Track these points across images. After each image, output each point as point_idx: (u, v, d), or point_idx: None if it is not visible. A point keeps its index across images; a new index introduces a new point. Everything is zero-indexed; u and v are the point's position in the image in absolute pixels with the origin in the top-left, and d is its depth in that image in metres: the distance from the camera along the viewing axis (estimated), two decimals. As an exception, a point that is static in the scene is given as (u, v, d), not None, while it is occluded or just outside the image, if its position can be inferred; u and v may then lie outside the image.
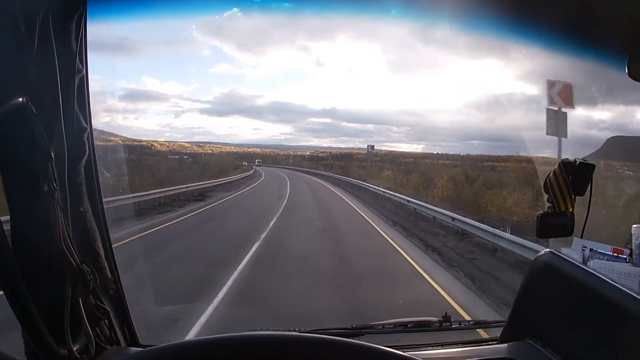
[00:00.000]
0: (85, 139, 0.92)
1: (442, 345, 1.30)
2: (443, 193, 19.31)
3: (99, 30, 0.95)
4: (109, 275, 1.01)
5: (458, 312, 4.46)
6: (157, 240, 8.07)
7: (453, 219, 10.35)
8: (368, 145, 36.79)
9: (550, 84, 8.32)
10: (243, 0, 1.15)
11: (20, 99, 0.79)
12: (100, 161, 1.02)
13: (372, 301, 4.76)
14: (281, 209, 13.53)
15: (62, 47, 0.85)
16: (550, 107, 8.03)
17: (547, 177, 1.16)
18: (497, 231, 8.10)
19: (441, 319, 1.51)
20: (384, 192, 18.66)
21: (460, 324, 1.52)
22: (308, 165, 46.23)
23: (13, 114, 0.79)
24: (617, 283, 0.97)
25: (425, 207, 13.13)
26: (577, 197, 1.19)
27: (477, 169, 25.29)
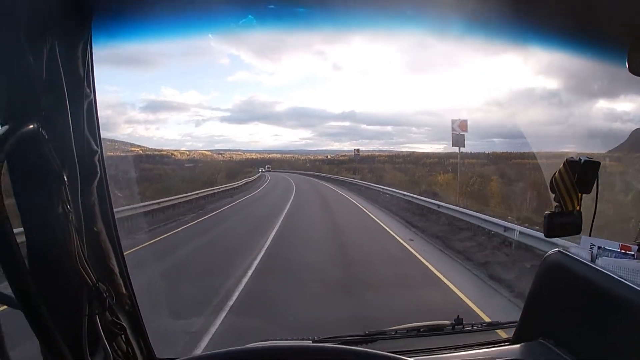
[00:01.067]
0: (97, 161, 0.95)
1: (455, 348, 1.30)
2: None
3: (106, 52, 0.97)
4: (124, 292, 1.04)
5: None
6: None
7: None
8: (454, 121, 16.32)
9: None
10: (257, 7, 1.16)
11: (32, 126, 0.82)
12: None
13: None
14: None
15: (70, 74, 0.87)
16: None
17: (552, 177, 1.16)
18: None
19: (453, 322, 1.50)
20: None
21: (472, 326, 1.52)
22: (328, 169, 37.50)
23: (26, 141, 0.81)
24: (626, 280, 0.97)
25: None
26: (584, 195, 1.19)
27: (517, 168, 18.94)
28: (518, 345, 1.16)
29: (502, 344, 1.27)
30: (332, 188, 21.49)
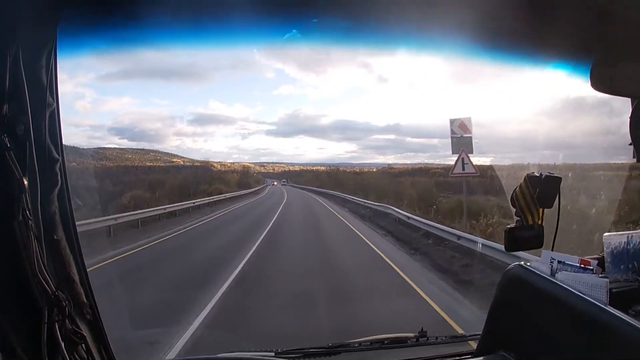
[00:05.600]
0: (57, 169, 0.95)
1: None
2: None
3: (69, 66, 0.98)
4: (85, 300, 1.03)
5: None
6: None
7: None
8: (453, 121, 12.38)
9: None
10: (302, 21, 1.16)
11: None
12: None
13: None
14: None
15: (33, 82, 0.88)
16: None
17: (513, 192, 1.19)
18: None
19: (418, 334, 1.50)
20: None
21: (437, 338, 1.52)
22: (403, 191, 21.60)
23: None
24: (584, 294, 0.98)
25: None
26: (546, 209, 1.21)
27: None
28: (480, 358, 1.17)
29: (465, 356, 1.27)
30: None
